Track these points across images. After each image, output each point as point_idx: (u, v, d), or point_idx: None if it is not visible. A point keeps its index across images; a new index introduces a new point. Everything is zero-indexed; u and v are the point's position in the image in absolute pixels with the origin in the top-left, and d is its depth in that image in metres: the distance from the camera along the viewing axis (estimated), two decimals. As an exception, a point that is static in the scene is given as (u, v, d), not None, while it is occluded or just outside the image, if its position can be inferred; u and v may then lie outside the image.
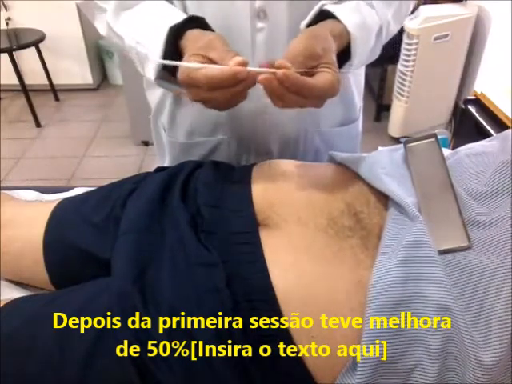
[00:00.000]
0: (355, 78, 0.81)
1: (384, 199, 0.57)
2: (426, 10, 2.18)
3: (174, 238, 0.58)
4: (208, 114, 0.74)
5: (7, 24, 2.93)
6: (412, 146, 0.63)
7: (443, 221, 0.52)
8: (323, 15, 0.61)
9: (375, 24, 0.65)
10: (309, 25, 0.61)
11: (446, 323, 0.45)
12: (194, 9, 0.66)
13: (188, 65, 0.54)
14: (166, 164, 0.89)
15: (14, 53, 2.69)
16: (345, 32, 0.60)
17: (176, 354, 0.49)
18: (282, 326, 0.48)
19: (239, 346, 0.48)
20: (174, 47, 0.58)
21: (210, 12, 0.66)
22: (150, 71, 0.61)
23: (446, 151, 0.67)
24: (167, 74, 0.61)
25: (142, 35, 0.63)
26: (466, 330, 0.45)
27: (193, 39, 0.57)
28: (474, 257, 0.48)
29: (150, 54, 0.60)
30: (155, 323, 0.51)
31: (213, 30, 0.61)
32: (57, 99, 3.17)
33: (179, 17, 0.60)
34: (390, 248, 0.51)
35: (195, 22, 0.60)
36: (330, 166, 0.67)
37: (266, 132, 0.77)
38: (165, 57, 0.58)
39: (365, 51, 0.65)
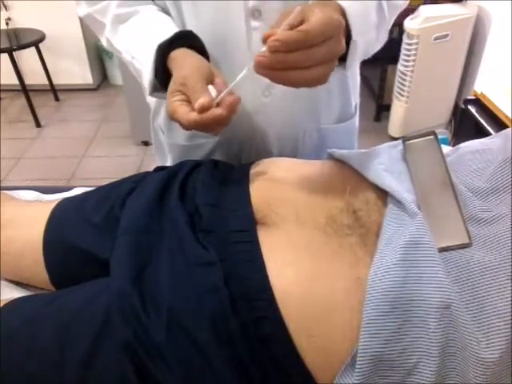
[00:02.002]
0: (351, 74, 0.82)
1: (383, 196, 0.57)
2: (426, 10, 2.18)
3: (173, 238, 0.58)
4: None
5: (7, 24, 2.93)
6: (411, 143, 0.63)
7: (443, 218, 0.52)
8: None
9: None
10: None
11: (446, 321, 0.45)
12: (189, 11, 0.67)
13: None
14: (167, 164, 0.89)
15: (14, 53, 2.69)
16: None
17: (175, 354, 0.49)
18: (280, 325, 0.48)
19: (239, 346, 0.48)
20: (164, 63, 0.62)
21: (205, 13, 0.66)
22: (146, 86, 0.64)
23: (447, 148, 0.66)
24: (163, 88, 0.64)
25: (135, 51, 0.67)
26: (467, 327, 0.45)
27: (174, 67, 0.60)
28: (475, 253, 0.48)
29: (144, 70, 0.64)
30: (154, 323, 0.51)
31: (201, 43, 0.64)
32: (57, 99, 3.17)
33: (167, 32, 0.63)
34: (389, 245, 0.50)
35: (184, 38, 0.62)
36: (328, 164, 0.67)
37: (265, 131, 0.77)
38: (156, 73, 0.62)
39: (366, 26, 0.60)
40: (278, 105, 0.74)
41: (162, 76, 0.62)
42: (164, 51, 0.61)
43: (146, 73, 0.64)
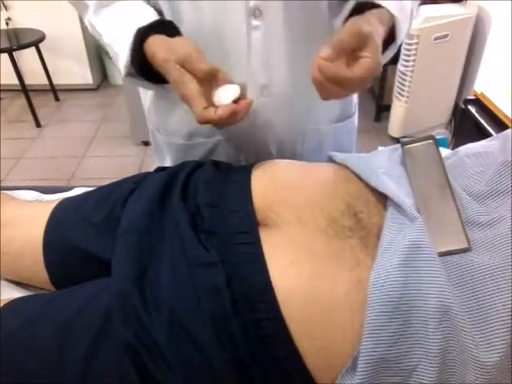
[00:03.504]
0: None
1: (383, 199, 0.57)
2: (426, 9, 2.18)
3: (174, 239, 0.58)
4: None
5: (7, 24, 2.93)
6: (410, 147, 0.63)
7: (442, 222, 0.52)
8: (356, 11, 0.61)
9: (409, 3, 0.68)
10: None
11: (445, 324, 0.45)
12: (188, 10, 0.67)
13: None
14: (167, 164, 0.89)
15: (14, 53, 2.69)
16: (387, 16, 0.60)
17: (176, 355, 0.49)
18: (282, 327, 0.48)
19: (240, 347, 0.48)
20: (141, 48, 0.61)
21: (205, 11, 0.66)
22: (121, 69, 0.64)
23: (446, 151, 0.66)
24: (137, 73, 0.64)
25: (114, 34, 0.66)
26: (466, 331, 0.45)
27: (157, 46, 0.59)
28: (474, 257, 0.48)
29: (120, 54, 0.63)
30: (155, 323, 0.51)
31: (180, 34, 0.64)
32: (57, 99, 3.17)
33: (148, 18, 0.63)
34: (390, 248, 0.51)
35: (164, 26, 0.62)
36: (329, 166, 0.67)
37: (264, 131, 0.77)
38: (132, 56, 0.62)
39: (404, 31, 0.66)
40: (277, 105, 0.74)
41: (138, 61, 0.62)
42: (142, 36, 0.60)
43: (122, 56, 0.63)
